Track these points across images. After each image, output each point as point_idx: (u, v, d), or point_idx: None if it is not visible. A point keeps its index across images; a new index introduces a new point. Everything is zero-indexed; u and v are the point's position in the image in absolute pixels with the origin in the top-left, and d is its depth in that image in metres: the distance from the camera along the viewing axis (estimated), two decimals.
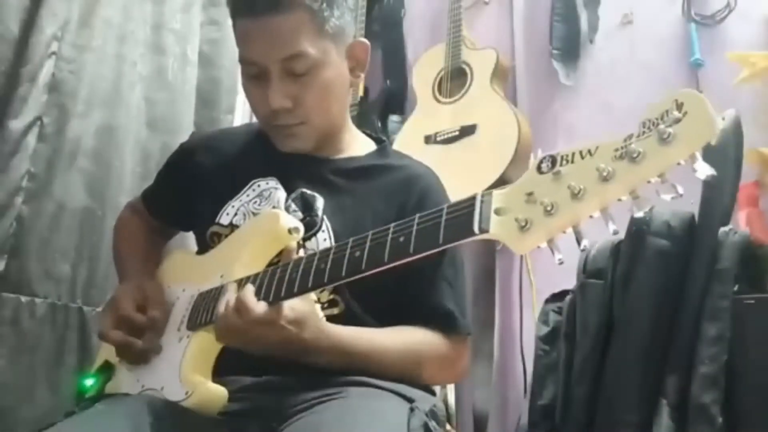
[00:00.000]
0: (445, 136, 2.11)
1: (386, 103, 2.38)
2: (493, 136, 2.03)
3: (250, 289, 0.88)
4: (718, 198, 1.41)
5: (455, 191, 1.21)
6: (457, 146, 2.08)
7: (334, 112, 1.12)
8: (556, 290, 1.71)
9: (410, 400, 0.91)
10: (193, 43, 2.02)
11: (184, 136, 1.94)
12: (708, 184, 1.20)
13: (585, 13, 2.18)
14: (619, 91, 2.09)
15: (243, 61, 1.08)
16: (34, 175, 1.61)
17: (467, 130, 2.08)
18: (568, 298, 1.61)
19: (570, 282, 1.62)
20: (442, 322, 1.05)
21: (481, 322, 1.97)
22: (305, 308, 0.90)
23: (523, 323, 2.02)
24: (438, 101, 2.21)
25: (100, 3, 1.78)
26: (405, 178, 1.13)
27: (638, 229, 1.40)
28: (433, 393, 1.07)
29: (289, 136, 1.09)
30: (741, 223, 1.61)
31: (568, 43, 2.17)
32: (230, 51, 2.13)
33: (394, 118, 2.35)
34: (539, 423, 1.58)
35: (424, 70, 2.30)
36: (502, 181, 1.90)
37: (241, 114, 2.26)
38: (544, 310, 1.70)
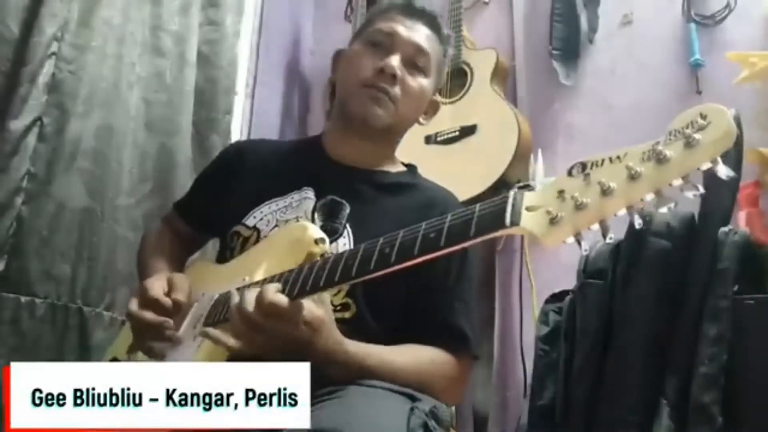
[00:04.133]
0: (445, 136, 2.11)
1: None
2: (493, 137, 2.03)
3: (273, 285, 0.88)
4: (718, 198, 1.41)
5: (456, 191, 1.22)
6: (457, 146, 2.08)
7: (410, 118, 1.23)
8: (556, 290, 1.71)
9: (412, 399, 0.91)
10: (191, 44, 2.02)
11: (181, 137, 1.94)
12: (708, 185, 1.21)
13: (585, 13, 2.18)
14: (619, 91, 2.09)
15: (378, 31, 1.20)
16: (34, 175, 1.61)
17: (467, 130, 2.08)
18: (568, 298, 1.61)
19: (570, 282, 1.62)
20: (455, 341, 1.06)
21: (481, 322, 1.97)
22: (323, 315, 0.90)
23: (523, 323, 2.03)
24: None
25: (100, 4, 1.78)
26: (429, 198, 1.18)
27: (638, 229, 1.40)
28: None
29: (377, 101, 1.15)
30: (741, 223, 1.61)
31: (568, 43, 2.17)
32: (229, 51, 2.14)
33: None
34: (539, 423, 1.58)
35: None
36: (502, 182, 1.91)
37: (240, 115, 2.26)
38: (544, 310, 1.70)
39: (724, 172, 0.65)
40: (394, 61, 1.16)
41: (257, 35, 2.41)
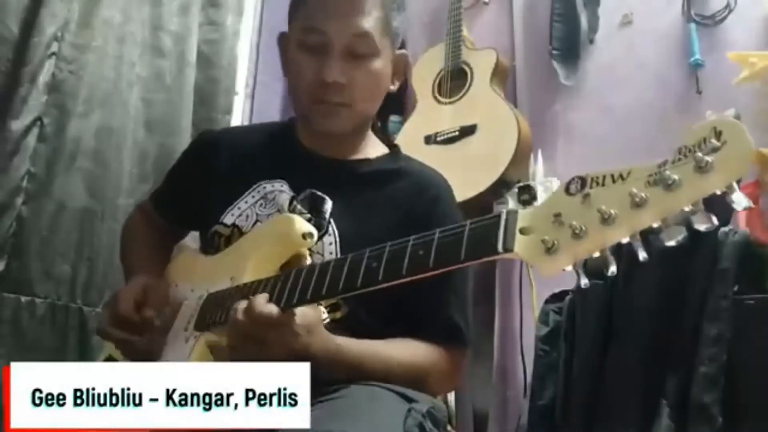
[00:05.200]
0: (445, 137, 2.11)
1: (386, 103, 2.38)
2: (493, 137, 2.03)
3: (263, 295, 0.87)
4: (718, 198, 1.40)
5: (455, 192, 1.22)
6: (457, 146, 2.08)
7: (374, 105, 1.15)
8: (556, 290, 1.71)
9: (409, 401, 0.91)
10: (191, 44, 2.02)
11: (180, 137, 1.94)
12: None
13: (585, 13, 2.18)
14: (619, 91, 2.09)
15: (308, 29, 1.07)
16: (34, 175, 1.61)
17: (467, 130, 2.08)
18: (568, 298, 1.61)
19: (570, 282, 1.62)
20: (449, 335, 1.05)
21: (481, 323, 1.97)
22: (315, 317, 0.90)
23: (523, 323, 2.02)
24: (438, 101, 2.21)
25: (100, 4, 1.78)
26: (415, 184, 1.13)
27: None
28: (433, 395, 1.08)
29: (331, 115, 1.08)
30: (741, 223, 1.61)
31: (568, 44, 2.17)
32: (229, 51, 2.14)
33: (394, 118, 2.35)
34: (539, 423, 1.58)
35: (423, 70, 2.30)
36: (502, 182, 1.90)
37: (240, 115, 2.26)
38: (544, 310, 1.70)
39: (740, 202, 0.58)
40: (335, 68, 1.04)
41: (257, 35, 2.41)
